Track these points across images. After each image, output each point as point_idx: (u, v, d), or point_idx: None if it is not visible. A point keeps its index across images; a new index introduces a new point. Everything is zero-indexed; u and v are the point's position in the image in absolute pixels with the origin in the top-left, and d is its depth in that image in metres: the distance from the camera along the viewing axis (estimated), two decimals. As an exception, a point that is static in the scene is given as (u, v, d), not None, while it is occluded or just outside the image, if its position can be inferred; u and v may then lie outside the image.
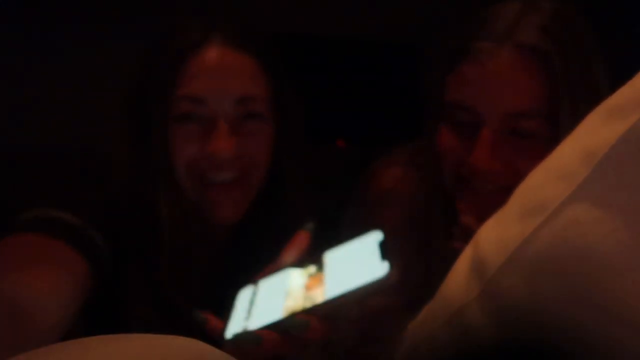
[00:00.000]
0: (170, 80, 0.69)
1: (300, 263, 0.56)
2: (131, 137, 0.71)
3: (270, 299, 0.53)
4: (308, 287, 0.51)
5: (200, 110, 0.70)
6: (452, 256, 0.60)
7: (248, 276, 0.60)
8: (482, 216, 0.67)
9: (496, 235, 0.38)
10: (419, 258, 0.75)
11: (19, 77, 1.98)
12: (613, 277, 0.29)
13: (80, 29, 2.04)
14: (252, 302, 0.54)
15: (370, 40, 2.64)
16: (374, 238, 0.52)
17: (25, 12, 2.01)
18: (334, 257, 0.54)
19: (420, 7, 2.59)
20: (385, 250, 0.49)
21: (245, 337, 0.49)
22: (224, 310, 0.56)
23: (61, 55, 2.02)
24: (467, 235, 0.69)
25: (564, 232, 0.31)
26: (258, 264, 0.65)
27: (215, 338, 0.51)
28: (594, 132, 0.32)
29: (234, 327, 0.52)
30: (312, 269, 0.54)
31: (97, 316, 0.61)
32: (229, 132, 0.70)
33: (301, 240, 0.59)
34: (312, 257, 0.56)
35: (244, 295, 0.57)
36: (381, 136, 0.91)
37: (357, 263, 0.50)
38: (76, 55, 2.02)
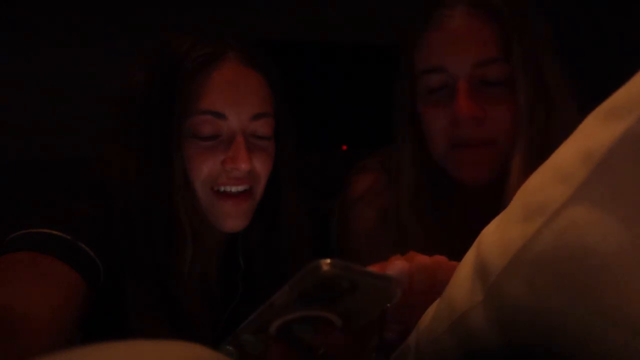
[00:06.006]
0: (192, 93, 0.68)
1: None
2: (145, 150, 0.70)
3: None
4: None
5: (218, 125, 0.70)
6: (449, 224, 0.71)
7: (248, 283, 0.59)
8: (474, 174, 0.76)
9: (498, 238, 0.38)
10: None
11: (3, 87, 1.96)
12: (613, 279, 0.29)
13: (67, 34, 2.02)
14: None
15: (372, 46, 2.64)
16: None
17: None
18: None
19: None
20: None
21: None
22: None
23: (48, 64, 2.00)
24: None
25: (564, 234, 0.31)
26: (258, 271, 0.64)
27: None
28: (592, 134, 0.32)
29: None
30: None
31: (97, 328, 0.62)
32: (246, 147, 0.71)
33: None
34: None
35: None
36: (382, 139, 0.94)
37: None
38: (63, 63, 2.00)
